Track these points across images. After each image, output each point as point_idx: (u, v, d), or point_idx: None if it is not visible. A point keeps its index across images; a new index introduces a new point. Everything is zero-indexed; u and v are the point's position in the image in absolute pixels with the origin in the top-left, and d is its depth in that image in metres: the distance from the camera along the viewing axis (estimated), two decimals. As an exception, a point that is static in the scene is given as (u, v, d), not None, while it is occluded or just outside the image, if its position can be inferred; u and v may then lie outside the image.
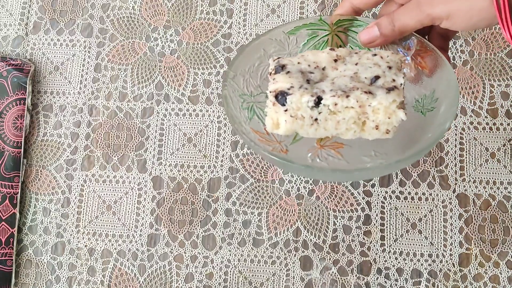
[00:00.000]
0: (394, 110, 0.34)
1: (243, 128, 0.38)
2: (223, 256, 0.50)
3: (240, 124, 0.38)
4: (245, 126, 0.39)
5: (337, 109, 0.34)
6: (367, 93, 0.34)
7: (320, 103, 0.34)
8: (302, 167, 0.38)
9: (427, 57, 0.39)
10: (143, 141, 0.53)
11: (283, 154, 0.40)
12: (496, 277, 0.48)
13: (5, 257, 0.50)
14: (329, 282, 0.49)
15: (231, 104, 0.39)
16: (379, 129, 0.35)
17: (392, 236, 0.49)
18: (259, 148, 0.37)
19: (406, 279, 0.48)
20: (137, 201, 0.52)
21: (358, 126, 0.35)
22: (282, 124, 0.35)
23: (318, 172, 0.39)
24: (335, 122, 0.35)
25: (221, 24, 0.55)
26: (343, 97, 0.34)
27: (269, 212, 0.50)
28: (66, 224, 0.52)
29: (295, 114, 0.35)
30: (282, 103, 0.35)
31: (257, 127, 0.40)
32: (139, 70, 0.54)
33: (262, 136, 0.40)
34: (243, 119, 0.40)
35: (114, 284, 0.50)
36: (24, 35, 0.56)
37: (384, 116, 0.34)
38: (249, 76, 0.41)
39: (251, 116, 0.41)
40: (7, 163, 0.51)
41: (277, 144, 0.40)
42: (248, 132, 0.39)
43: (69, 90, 0.54)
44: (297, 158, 0.40)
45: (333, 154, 0.40)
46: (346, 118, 0.35)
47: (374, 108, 0.34)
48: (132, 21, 0.55)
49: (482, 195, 0.49)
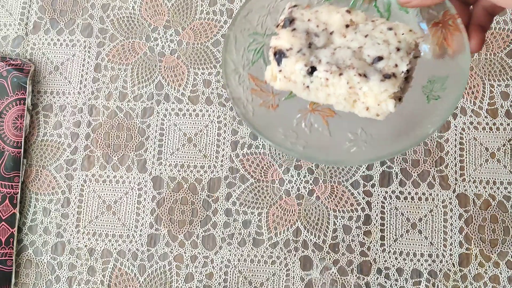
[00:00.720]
0: (385, 99, 0.33)
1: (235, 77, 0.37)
2: (223, 256, 0.50)
3: (235, 72, 0.37)
4: (243, 72, 0.38)
5: (328, 83, 0.34)
6: (361, 75, 0.33)
7: (312, 74, 0.34)
8: (270, 143, 0.36)
9: (454, 36, 0.36)
10: (143, 141, 0.53)
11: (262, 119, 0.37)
12: (496, 277, 0.48)
13: (5, 257, 0.50)
14: (329, 282, 0.49)
15: (232, 46, 0.37)
16: (369, 111, 0.34)
17: (392, 236, 0.49)
18: (238, 110, 0.36)
19: (406, 279, 0.48)
20: (137, 201, 0.52)
21: (348, 103, 0.34)
22: (278, 81, 0.35)
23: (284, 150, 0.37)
24: (326, 94, 0.34)
25: (221, 24, 0.55)
26: (336, 75, 0.33)
27: (269, 212, 0.50)
28: (66, 224, 0.52)
29: (289, 76, 0.34)
30: (278, 63, 0.34)
31: (259, 73, 0.39)
32: (139, 70, 0.54)
33: (258, 84, 0.39)
34: (244, 63, 0.38)
35: (114, 284, 0.50)
36: (24, 35, 0.56)
37: (373, 102, 0.33)
38: (268, 13, 0.39)
39: (256, 59, 0.39)
40: (7, 163, 0.51)
41: (270, 97, 0.39)
42: (241, 81, 0.38)
43: (69, 90, 0.54)
44: (284, 117, 0.38)
45: (320, 122, 0.39)
46: (336, 93, 0.34)
47: (365, 92, 0.33)
48: (132, 21, 0.55)
49: (482, 195, 0.49)
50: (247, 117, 0.37)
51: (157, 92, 0.54)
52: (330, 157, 0.37)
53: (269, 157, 0.51)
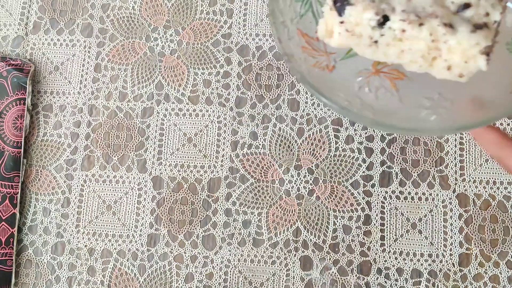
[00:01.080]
0: (474, 55, 0.27)
1: (285, 30, 0.31)
2: (223, 256, 0.50)
3: (283, 25, 0.31)
4: (291, 26, 0.32)
5: (404, 36, 0.27)
6: (447, 26, 0.27)
7: (384, 24, 0.27)
8: (336, 107, 0.29)
9: None
10: (143, 141, 0.53)
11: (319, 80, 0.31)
12: (496, 277, 0.48)
13: (5, 257, 0.50)
14: (329, 282, 0.49)
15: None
16: (451, 71, 0.28)
17: (392, 236, 0.49)
18: (293, 66, 0.30)
19: (406, 279, 0.48)
20: (137, 201, 0.52)
21: (426, 61, 0.28)
22: (336, 35, 0.29)
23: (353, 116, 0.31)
24: (399, 51, 0.28)
25: (221, 24, 0.55)
26: (415, 25, 0.27)
27: (269, 212, 0.50)
28: (66, 224, 0.52)
29: (352, 29, 0.28)
30: (339, 12, 0.28)
31: (308, 28, 0.32)
32: (139, 70, 0.54)
33: (308, 41, 0.32)
34: (291, 15, 0.32)
35: (114, 284, 0.50)
36: (24, 35, 0.56)
37: (460, 59, 0.27)
38: None
39: (304, 11, 0.33)
40: (7, 163, 0.51)
41: (323, 56, 0.32)
42: (290, 37, 0.31)
43: (69, 90, 0.54)
44: (343, 80, 0.32)
45: (388, 86, 0.32)
46: (413, 49, 0.28)
47: (450, 47, 0.27)
48: (132, 21, 0.55)
49: (482, 195, 0.49)
50: (304, 76, 0.30)
51: (157, 92, 0.54)
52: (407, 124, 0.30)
53: (269, 157, 0.51)
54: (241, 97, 0.53)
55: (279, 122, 0.52)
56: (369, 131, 0.51)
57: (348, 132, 0.51)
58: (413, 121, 0.31)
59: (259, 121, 0.52)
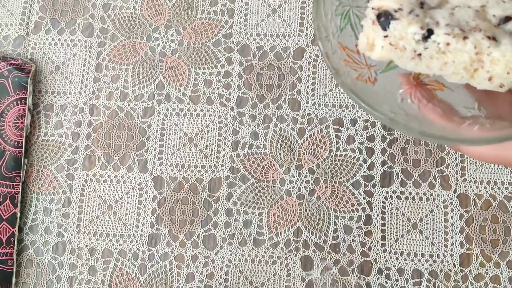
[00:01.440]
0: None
1: (329, 45, 0.32)
2: (223, 256, 0.50)
3: (327, 39, 0.32)
4: (333, 40, 0.32)
5: (448, 49, 0.28)
6: (490, 39, 0.27)
7: (429, 38, 0.28)
8: (386, 119, 0.30)
9: None
10: (144, 141, 0.53)
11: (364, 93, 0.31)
12: (497, 277, 0.48)
13: (6, 256, 0.50)
14: (329, 282, 0.49)
15: (321, 9, 0.32)
16: (492, 81, 0.28)
17: (393, 236, 0.49)
18: (339, 78, 0.31)
19: (407, 279, 0.48)
20: (138, 201, 0.52)
21: (468, 72, 0.29)
22: (378, 48, 0.29)
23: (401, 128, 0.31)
24: (442, 63, 0.29)
25: (222, 24, 0.55)
26: (459, 38, 0.27)
27: (270, 212, 0.50)
28: (67, 224, 0.52)
29: (396, 43, 0.28)
30: (383, 27, 0.28)
31: (348, 41, 0.33)
32: (140, 70, 0.54)
33: (350, 54, 0.33)
34: (333, 30, 0.33)
35: (115, 283, 0.50)
36: (25, 35, 0.56)
37: (503, 70, 0.28)
38: None
39: (343, 25, 0.34)
40: (8, 163, 0.51)
41: (365, 69, 0.33)
42: (334, 51, 0.32)
43: (70, 90, 0.54)
44: (386, 92, 0.33)
45: (429, 97, 0.33)
46: (456, 61, 0.28)
47: (493, 59, 0.28)
48: (133, 21, 0.55)
49: (483, 195, 0.49)
50: (353, 90, 0.31)
51: (158, 92, 0.54)
52: (454, 135, 0.30)
53: (270, 157, 0.51)
54: (242, 97, 0.53)
55: (280, 122, 0.52)
56: (369, 131, 0.51)
57: (349, 132, 0.51)
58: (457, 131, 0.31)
59: (260, 121, 0.52)
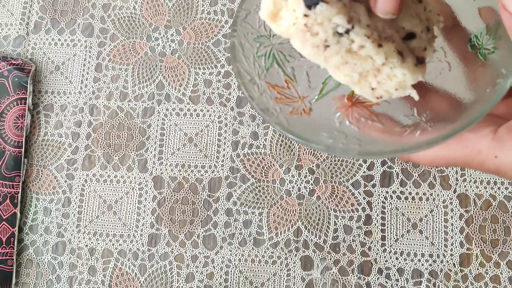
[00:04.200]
0: (407, 86, 0.27)
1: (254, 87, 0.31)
2: (223, 256, 0.50)
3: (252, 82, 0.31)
4: (260, 81, 0.31)
5: (358, 51, 0.26)
6: (399, 53, 0.26)
7: (347, 34, 0.25)
8: (322, 148, 0.29)
9: None
10: (144, 141, 0.53)
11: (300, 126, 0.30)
12: (497, 277, 0.48)
13: (6, 256, 0.50)
14: (330, 282, 0.49)
15: (240, 54, 0.31)
16: (374, 91, 0.27)
17: (393, 236, 0.49)
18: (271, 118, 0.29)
19: (407, 279, 0.48)
20: (138, 200, 0.52)
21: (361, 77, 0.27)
22: (285, 23, 0.26)
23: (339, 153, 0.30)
24: (342, 61, 0.27)
25: (222, 24, 0.55)
26: (376, 44, 0.25)
27: (269, 212, 0.50)
28: (67, 223, 0.52)
29: (311, 26, 0.25)
30: (308, 5, 0.25)
31: (276, 78, 0.32)
32: (140, 70, 0.54)
33: (280, 92, 0.32)
34: (258, 71, 0.32)
35: (115, 283, 0.50)
36: (25, 35, 0.56)
37: (392, 86, 0.27)
38: None
39: (269, 64, 0.32)
40: (8, 163, 0.51)
41: (298, 102, 0.32)
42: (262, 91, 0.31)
43: (70, 90, 0.54)
44: (323, 120, 0.32)
45: (366, 114, 0.32)
46: (357, 65, 0.26)
47: (392, 75, 0.26)
48: (133, 21, 0.55)
49: (482, 195, 0.49)
50: (284, 127, 0.30)
51: (158, 92, 0.54)
52: (395, 147, 0.29)
53: (270, 157, 0.51)
54: (242, 97, 0.53)
55: (280, 122, 0.52)
56: (370, 131, 0.51)
57: (349, 132, 0.51)
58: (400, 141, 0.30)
59: (260, 121, 0.52)
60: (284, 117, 0.31)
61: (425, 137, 0.29)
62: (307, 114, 0.32)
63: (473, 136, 0.27)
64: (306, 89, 0.32)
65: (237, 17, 0.32)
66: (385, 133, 0.31)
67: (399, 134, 0.30)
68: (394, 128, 0.31)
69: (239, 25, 0.32)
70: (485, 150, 0.27)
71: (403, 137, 0.30)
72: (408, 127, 0.30)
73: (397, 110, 0.31)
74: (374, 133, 0.31)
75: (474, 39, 0.30)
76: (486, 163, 0.27)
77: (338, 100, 0.32)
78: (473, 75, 0.30)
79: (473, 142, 0.27)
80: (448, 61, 0.31)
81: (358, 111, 0.32)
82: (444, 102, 0.30)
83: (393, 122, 0.31)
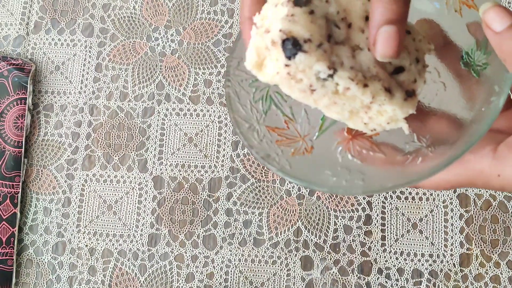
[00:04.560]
0: (398, 120, 0.27)
1: (254, 134, 0.31)
2: (223, 256, 0.50)
3: (251, 129, 0.31)
4: (259, 126, 0.32)
5: (344, 93, 0.26)
6: (387, 90, 0.26)
7: (331, 77, 0.25)
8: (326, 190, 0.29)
9: None
10: (144, 141, 0.53)
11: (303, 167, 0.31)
12: (497, 277, 0.48)
13: (6, 256, 0.50)
14: (330, 282, 0.49)
15: (236, 104, 0.31)
16: (367, 126, 0.28)
17: (393, 236, 0.49)
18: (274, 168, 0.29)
19: (407, 279, 0.48)
20: (138, 200, 0.52)
21: (353, 115, 0.27)
22: (270, 72, 0.26)
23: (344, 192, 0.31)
24: (331, 102, 0.27)
25: (222, 24, 0.55)
26: (361, 85, 0.25)
27: (269, 212, 0.50)
28: (66, 223, 0.52)
29: (295, 74, 0.26)
30: (288, 56, 0.25)
31: (275, 121, 0.32)
32: (140, 70, 0.54)
33: (281, 134, 0.32)
34: (256, 117, 0.32)
35: (115, 283, 0.50)
36: (25, 35, 0.56)
37: (384, 121, 0.27)
38: None
39: (266, 107, 0.32)
40: (8, 163, 0.51)
41: (300, 142, 0.32)
42: (262, 137, 0.31)
43: (70, 90, 0.54)
44: (325, 156, 0.32)
45: (367, 145, 0.32)
46: (346, 104, 0.27)
47: (382, 111, 0.26)
48: (133, 21, 0.55)
49: (482, 195, 0.49)
50: (286, 172, 0.30)
51: (158, 92, 0.54)
52: (398, 179, 0.29)
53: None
54: (242, 97, 0.53)
55: (280, 122, 0.52)
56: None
57: (349, 132, 0.51)
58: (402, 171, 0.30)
59: (260, 121, 0.52)
60: (286, 160, 0.31)
61: (427, 164, 0.29)
62: (309, 153, 0.32)
63: (474, 157, 0.27)
64: (306, 127, 0.32)
65: (229, 67, 0.32)
66: (388, 163, 0.31)
67: (401, 162, 0.30)
68: (396, 157, 0.31)
69: (232, 74, 0.32)
70: (487, 170, 0.27)
71: (405, 165, 0.30)
72: (410, 154, 0.30)
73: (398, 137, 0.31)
74: (376, 164, 0.31)
75: (466, 56, 0.30)
76: (490, 182, 0.27)
77: (339, 134, 0.32)
78: (468, 93, 0.30)
79: (474, 163, 0.28)
80: (443, 81, 0.31)
81: (359, 143, 0.32)
82: (443, 124, 0.31)
83: (394, 150, 0.31)
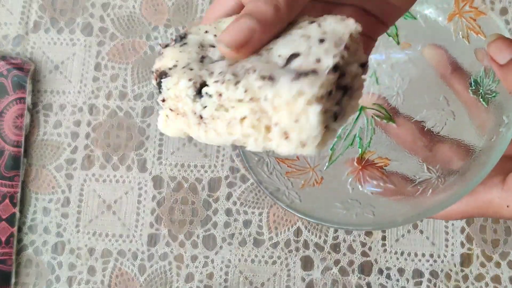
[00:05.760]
0: (303, 109, 0.21)
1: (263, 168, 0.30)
2: (223, 256, 0.50)
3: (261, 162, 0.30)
4: (269, 158, 0.31)
5: (224, 102, 0.22)
6: (266, 78, 0.21)
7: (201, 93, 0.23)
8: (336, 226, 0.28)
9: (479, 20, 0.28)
10: (143, 140, 0.53)
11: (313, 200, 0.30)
12: (497, 277, 0.48)
13: (5, 256, 0.50)
14: (330, 282, 0.48)
15: None
16: (289, 139, 0.22)
17: (394, 236, 0.49)
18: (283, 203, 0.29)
19: (408, 279, 0.48)
20: (137, 200, 0.51)
21: (258, 131, 0.22)
22: (162, 119, 0.25)
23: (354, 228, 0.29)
24: (227, 123, 0.23)
25: (222, 23, 0.54)
26: (230, 84, 0.22)
27: (269, 212, 0.50)
28: (66, 223, 0.51)
29: (176, 107, 0.24)
30: (159, 89, 0.24)
31: None
32: (139, 69, 0.54)
33: (291, 164, 0.31)
34: None
35: (114, 283, 0.50)
36: (24, 34, 0.56)
37: (289, 118, 0.21)
38: None
39: None
40: (7, 162, 0.51)
41: (310, 173, 0.31)
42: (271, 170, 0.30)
43: (69, 89, 0.54)
44: (335, 188, 0.31)
45: (378, 176, 0.31)
46: (237, 117, 0.22)
47: (274, 105, 0.21)
48: (133, 20, 0.55)
49: (483, 195, 0.49)
50: (295, 207, 0.29)
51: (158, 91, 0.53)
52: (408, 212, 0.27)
53: (269, 157, 0.51)
54: (241, 97, 0.52)
55: (280, 122, 0.51)
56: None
57: (349, 131, 0.51)
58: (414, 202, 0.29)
59: (260, 120, 0.52)
60: (296, 193, 0.30)
61: (438, 196, 0.28)
62: (319, 184, 0.31)
63: (483, 188, 0.28)
64: (316, 157, 0.31)
65: None
66: (398, 194, 0.31)
67: (411, 194, 0.30)
68: (406, 188, 0.31)
69: None
70: (496, 201, 0.28)
71: (416, 197, 0.29)
72: (420, 185, 0.29)
73: (408, 168, 0.30)
74: (387, 195, 0.31)
75: (474, 83, 0.29)
76: (500, 213, 0.28)
77: (349, 164, 0.32)
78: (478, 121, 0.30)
79: (483, 194, 0.28)
80: (452, 110, 0.31)
81: (369, 173, 0.31)
82: (452, 153, 0.31)
83: (404, 181, 0.32)
